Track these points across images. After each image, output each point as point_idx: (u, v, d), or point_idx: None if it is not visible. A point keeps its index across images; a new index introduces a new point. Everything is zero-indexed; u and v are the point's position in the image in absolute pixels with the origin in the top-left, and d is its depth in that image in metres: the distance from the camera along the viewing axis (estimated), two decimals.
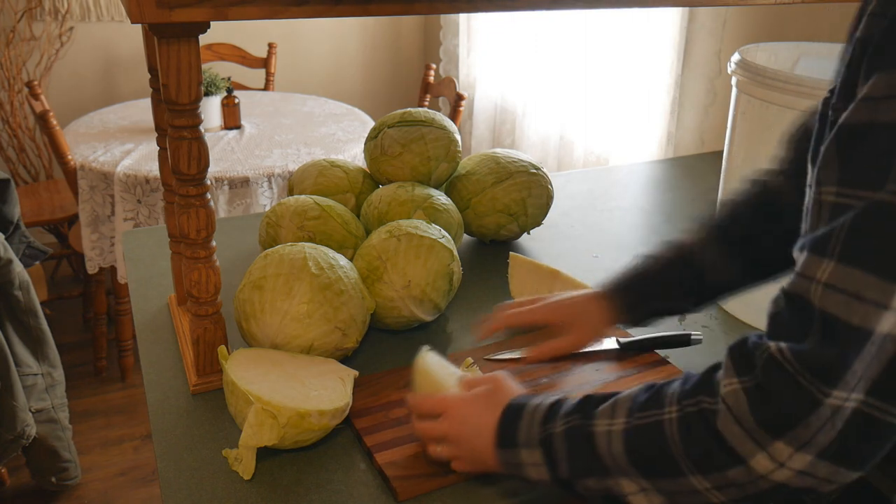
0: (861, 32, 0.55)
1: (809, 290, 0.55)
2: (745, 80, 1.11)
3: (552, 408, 0.72)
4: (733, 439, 0.58)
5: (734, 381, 0.59)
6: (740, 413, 0.57)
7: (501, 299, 1.23)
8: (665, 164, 1.95)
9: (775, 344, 0.57)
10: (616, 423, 0.66)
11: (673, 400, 0.63)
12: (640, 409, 0.65)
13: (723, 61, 2.18)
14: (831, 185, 0.55)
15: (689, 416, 0.61)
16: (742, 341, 0.61)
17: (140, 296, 1.23)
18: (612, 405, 0.68)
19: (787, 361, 0.55)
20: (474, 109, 3.25)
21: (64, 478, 2.11)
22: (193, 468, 0.86)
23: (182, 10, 0.73)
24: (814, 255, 0.55)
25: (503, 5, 0.87)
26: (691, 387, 0.63)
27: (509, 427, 0.74)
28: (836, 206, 0.54)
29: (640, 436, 0.64)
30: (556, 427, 0.70)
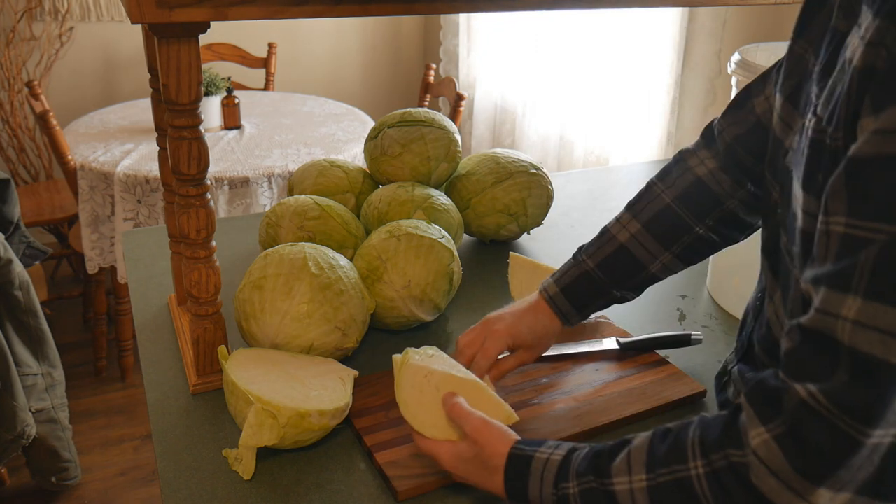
0: (859, 62, 0.55)
1: (836, 328, 0.54)
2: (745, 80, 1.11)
3: (562, 465, 0.70)
4: (771, 493, 0.57)
5: (762, 431, 0.57)
6: (776, 465, 0.56)
7: (501, 299, 1.23)
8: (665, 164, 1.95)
9: (803, 387, 0.55)
10: (637, 479, 0.64)
11: (696, 453, 0.61)
12: (662, 463, 0.63)
13: (723, 61, 2.18)
14: (840, 215, 0.54)
15: (720, 472, 0.60)
16: (759, 385, 0.59)
17: (140, 296, 1.23)
18: (626, 459, 0.66)
19: (820, 405, 0.54)
20: (474, 109, 3.25)
21: (64, 478, 2.11)
22: (193, 468, 0.86)
23: (182, 10, 0.73)
24: (836, 291, 0.54)
25: (503, 5, 0.87)
26: (715, 438, 0.61)
27: (517, 483, 0.73)
28: (849, 238, 0.54)
29: (667, 494, 0.62)
30: (571, 488, 0.68)
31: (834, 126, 0.57)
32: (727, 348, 1.12)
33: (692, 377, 1.02)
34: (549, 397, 0.97)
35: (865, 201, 0.53)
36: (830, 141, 0.57)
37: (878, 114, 0.52)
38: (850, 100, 0.55)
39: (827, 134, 0.58)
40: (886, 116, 0.51)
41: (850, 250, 0.53)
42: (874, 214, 0.52)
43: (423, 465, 0.85)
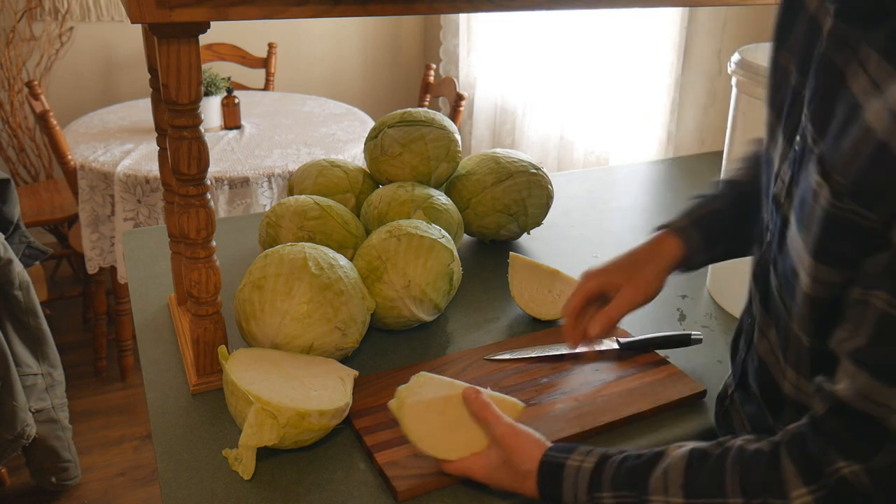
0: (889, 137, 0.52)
1: (888, 419, 0.55)
2: (745, 80, 1.11)
3: (595, 473, 0.71)
4: None
5: (804, 493, 0.59)
6: None
7: (501, 299, 1.23)
8: (665, 164, 1.95)
9: (847, 465, 0.57)
10: (674, 501, 0.65)
11: (737, 490, 0.62)
12: (699, 492, 0.64)
13: (723, 61, 2.18)
14: (882, 291, 0.54)
15: None
16: (801, 443, 0.61)
17: (140, 296, 1.23)
18: (663, 478, 0.67)
19: (863, 486, 0.56)
20: (474, 109, 3.25)
21: (64, 478, 2.11)
22: (193, 468, 0.86)
23: (182, 10, 0.73)
24: (879, 381, 0.55)
25: (503, 5, 0.87)
26: (757, 482, 0.62)
27: (551, 485, 0.74)
28: (888, 317, 0.54)
29: None
30: (606, 498, 0.70)
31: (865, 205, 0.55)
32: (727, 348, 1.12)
33: (692, 377, 1.02)
34: (549, 397, 0.97)
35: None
36: (866, 222, 0.55)
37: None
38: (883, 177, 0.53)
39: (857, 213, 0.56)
40: None
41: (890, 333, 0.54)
42: None
43: (423, 465, 0.85)
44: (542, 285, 1.17)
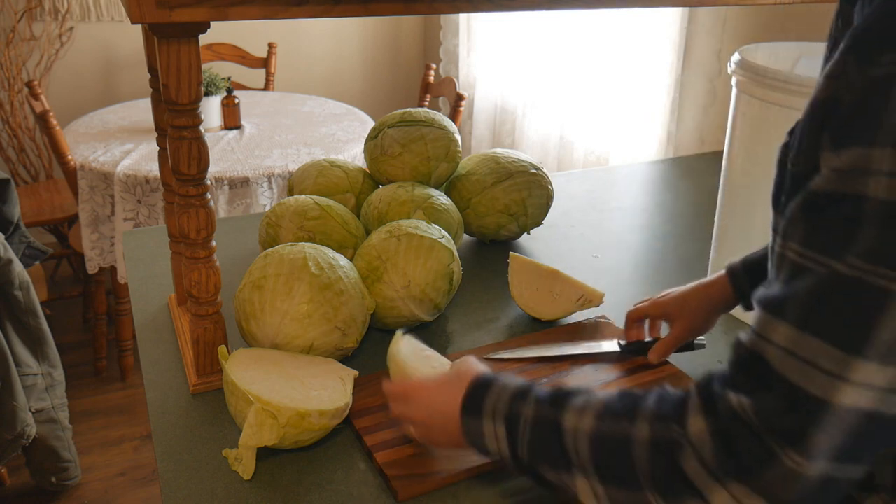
0: (818, 94, 0.56)
1: (767, 352, 0.57)
2: (745, 80, 1.11)
3: (523, 389, 0.73)
4: (695, 477, 0.60)
5: (700, 421, 0.60)
6: (704, 453, 0.59)
7: (501, 299, 1.23)
8: (665, 164, 1.95)
9: (737, 398, 0.58)
10: (585, 422, 0.67)
11: (645, 417, 0.64)
12: (613, 415, 0.66)
13: (723, 61, 2.18)
14: (796, 243, 0.57)
15: (658, 442, 0.62)
16: (708, 381, 0.62)
17: (140, 296, 1.23)
18: (584, 402, 0.68)
19: (748, 418, 0.57)
20: (474, 109, 3.25)
21: (64, 478, 2.11)
22: (193, 468, 0.86)
23: (182, 10, 0.73)
24: (770, 315, 0.57)
25: (503, 5, 0.87)
26: (666, 411, 0.63)
27: (476, 397, 0.75)
28: (796, 266, 0.56)
29: (606, 444, 0.65)
30: (525, 409, 0.70)
31: (795, 151, 0.59)
32: (727, 349, 1.12)
33: (692, 377, 1.02)
34: None
35: (816, 233, 0.55)
36: (791, 166, 0.60)
37: (837, 151, 0.54)
38: (811, 131, 0.57)
39: (788, 158, 0.61)
40: (846, 156, 0.53)
41: (793, 278, 0.56)
42: (820, 247, 0.54)
43: (423, 465, 0.85)
44: (542, 285, 1.17)
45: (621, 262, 1.38)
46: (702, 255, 1.38)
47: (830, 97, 0.55)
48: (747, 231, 1.16)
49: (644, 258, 1.41)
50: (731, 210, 1.20)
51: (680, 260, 1.40)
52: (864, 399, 0.53)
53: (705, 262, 1.33)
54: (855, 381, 0.53)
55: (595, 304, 1.14)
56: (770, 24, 2.01)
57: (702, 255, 1.38)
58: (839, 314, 0.53)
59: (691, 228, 1.54)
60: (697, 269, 1.34)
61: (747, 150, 1.15)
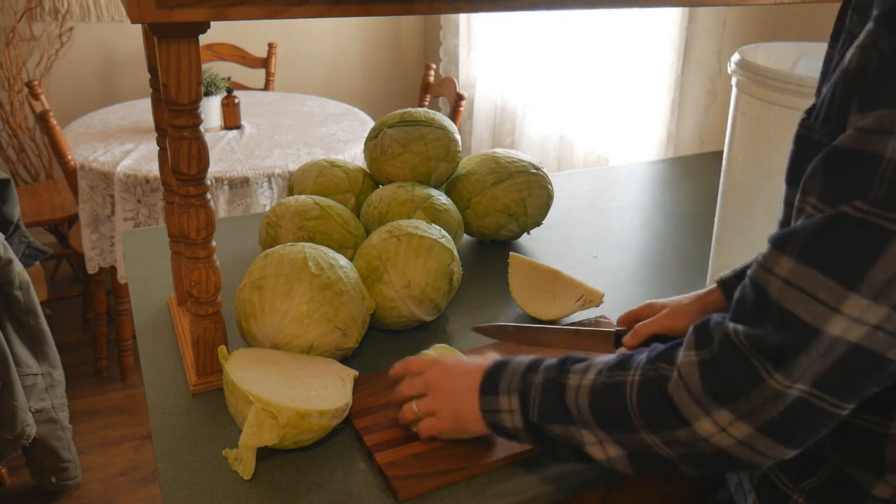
0: (849, 63, 0.59)
1: (768, 282, 0.60)
2: (745, 80, 1.11)
3: (534, 361, 0.78)
4: (681, 403, 0.63)
5: (691, 354, 0.64)
6: (690, 381, 0.63)
7: (501, 299, 1.23)
8: (665, 164, 1.95)
9: (733, 325, 0.61)
10: (586, 378, 0.72)
11: (638, 365, 0.69)
12: (610, 369, 0.71)
13: (723, 61, 2.18)
14: (813, 196, 0.59)
15: (647, 380, 0.67)
16: (706, 320, 0.65)
17: (140, 296, 1.23)
18: (588, 364, 0.74)
19: (740, 342, 0.60)
20: (474, 109, 3.25)
21: (64, 478, 2.11)
22: (193, 468, 0.86)
23: (182, 10, 0.73)
24: (775, 249, 0.60)
25: (503, 5, 0.87)
26: (655, 355, 0.68)
27: (494, 376, 0.79)
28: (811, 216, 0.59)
29: (603, 393, 0.70)
30: (536, 378, 0.76)
31: (822, 121, 0.62)
32: None
33: None
34: None
35: (832, 186, 0.57)
36: (819, 137, 0.62)
37: (863, 113, 0.56)
38: (841, 99, 0.59)
39: (815, 130, 0.63)
40: (872, 118, 0.55)
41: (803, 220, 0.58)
42: (830, 197, 0.57)
43: (423, 466, 0.85)
44: (542, 285, 1.17)
45: (621, 262, 1.38)
46: (702, 255, 1.38)
47: (862, 65, 0.57)
48: (747, 231, 1.16)
49: (644, 258, 1.41)
50: (731, 210, 1.20)
51: (680, 260, 1.40)
52: (853, 332, 0.56)
53: (705, 262, 1.33)
54: (846, 314, 0.56)
55: (595, 304, 1.14)
56: (770, 24, 2.01)
57: (702, 255, 1.38)
58: (839, 250, 0.56)
59: (691, 228, 1.54)
60: (697, 269, 1.34)
61: (747, 150, 1.15)
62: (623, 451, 0.69)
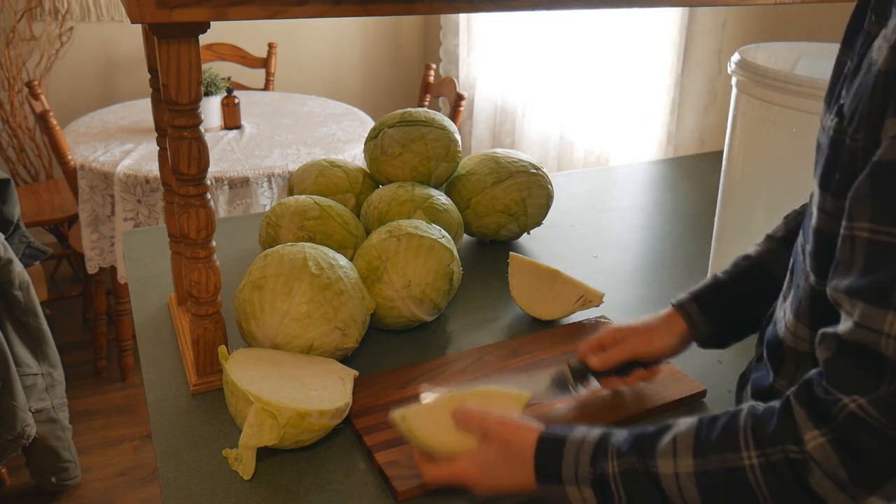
0: (884, 64, 0.56)
1: (879, 343, 0.55)
2: (745, 80, 1.11)
3: (600, 444, 0.69)
4: (827, 495, 0.58)
5: (817, 435, 0.58)
6: (832, 469, 0.58)
7: (501, 299, 1.23)
8: (665, 164, 1.95)
9: (852, 400, 0.57)
10: (684, 464, 0.64)
11: (750, 444, 0.62)
12: (712, 450, 0.63)
13: (723, 61, 2.18)
14: (865, 220, 0.55)
15: (777, 466, 0.60)
16: (807, 389, 0.61)
17: (140, 296, 1.23)
18: (672, 443, 0.65)
19: (871, 417, 0.56)
20: (474, 109, 3.25)
21: (64, 478, 2.11)
22: (193, 468, 0.86)
23: (182, 10, 0.73)
24: (875, 306, 0.55)
25: (503, 5, 0.87)
26: (771, 431, 0.62)
27: (550, 463, 0.70)
28: (874, 245, 0.55)
29: (717, 481, 0.63)
30: (610, 467, 0.67)
31: (855, 126, 0.58)
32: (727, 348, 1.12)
33: (692, 377, 1.02)
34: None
35: (885, 206, 0.54)
36: (850, 141, 0.59)
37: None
38: (874, 101, 0.56)
39: (847, 134, 0.59)
40: None
41: (879, 259, 0.54)
42: (892, 220, 0.54)
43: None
44: (542, 285, 1.17)
45: (621, 262, 1.38)
46: (702, 255, 1.38)
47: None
48: (747, 231, 1.16)
49: (644, 258, 1.41)
50: (731, 210, 1.20)
51: (680, 260, 1.40)
52: None
53: (705, 262, 1.33)
54: None
55: (595, 304, 1.14)
56: (770, 24, 2.01)
57: (702, 255, 1.38)
58: None
59: (691, 228, 1.54)
60: (697, 269, 1.34)
61: (747, 150, 1.16)
62: None
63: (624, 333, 0.94)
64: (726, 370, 1.06)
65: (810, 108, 1.01)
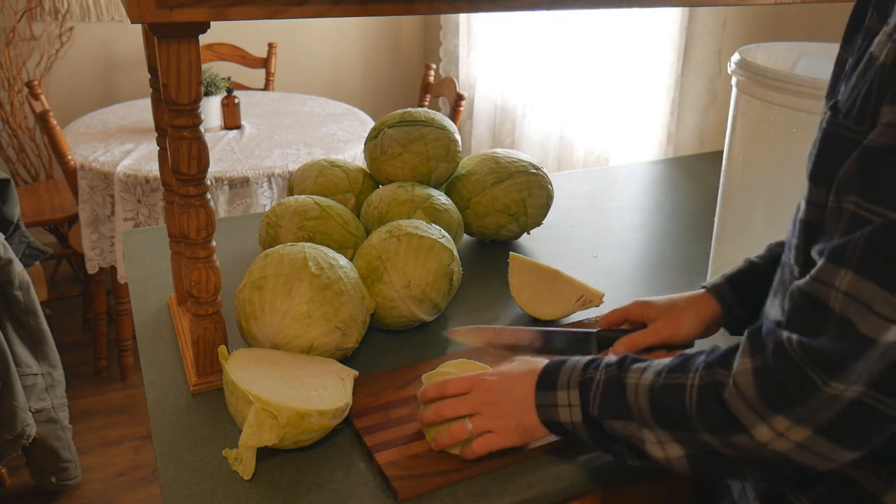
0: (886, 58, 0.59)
1: (829, 296, 0.60)
2: (745, 80, 1.11)
3: (593, 360, 0.80)
4: (737, 411, 0.65)
5: (747, 361, 0.65)
6: (745, 388, 0.65)
7: (501, 299, 1.23)
8: (665, 164, 1.95)
9: (787, 334, 0.63)
10: (644, 378, 0.74)
11: (697, 369, 0.71)
12: (669, 371, 0.73)
13: (723, 61, 2.18)
14: (852, 194, 0.60)
15: (706, 386, 0.69)
16: (759, 326, 0.67)
17: (140, 296, 1.23)
18: (646, 364, 0.76)
19: (793, 350, 0.62)
20: (474, 109, 3.25)
21: (64, 478, 2.11)
22: (193, 468, 0.86)
23: (182, 10, 0.73)
24: (832, 263, 0.61)
25: (503, 5, 0.87)
26: (713, 359, 0.70)
27: (552, 374, 0.81)
28: (855, 217, 0.59)
29: (662, 394, 0.72)
30: (597, 374, 0.78)
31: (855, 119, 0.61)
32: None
33: None
34: None
35: (873, 186, 0.58)
36: (852, 134, 0.61)
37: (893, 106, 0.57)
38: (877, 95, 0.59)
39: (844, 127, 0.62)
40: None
41: (852, 229, 0.59)
42: (877, 198, 0.58)
43: (423, 466, 0.85)
44: (542, 285, 1.17)
45: (621, 262, 1.38)
46: (702, 255, 1.38)
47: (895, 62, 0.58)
48: (747, 231, 1.16)
49: (644, 258, 1.41)
50: (731, 210, 1.20)
51: (680, 260, 1.40)
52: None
53: (705, 262, 1.33)
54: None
55: (595, 304, 1.14)
56: (770, 24, 2.01)
57: (702, 255, 1.38)
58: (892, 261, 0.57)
59: (691, 228, 1.54)
60: (697, 269, 1.34)
61: (747, 150, 1.16)
62: (683, 451, 0.71)
63: (652, 313, 0.97)
64: None
65: (810, 108, 1.01)
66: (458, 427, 0.84)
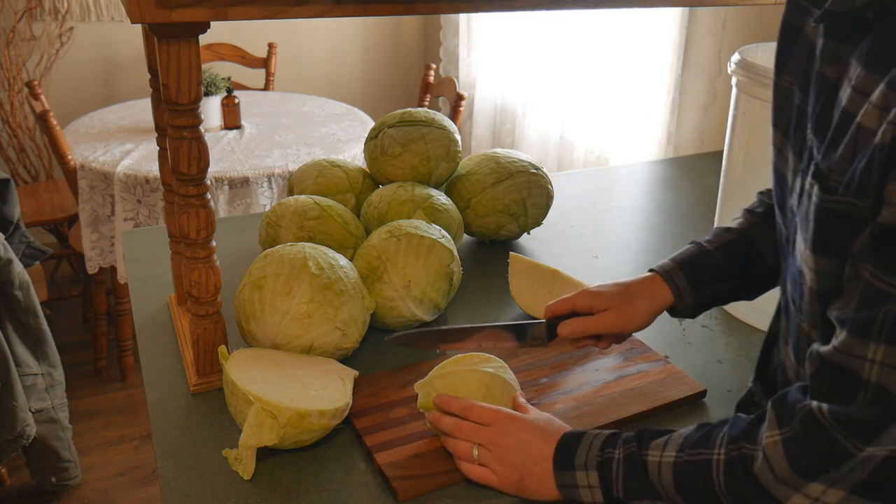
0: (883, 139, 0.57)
1: (863, 368, 0.61)
2: (745, 80, 1.11)
3: (611, 437, 0.78)
4: (769, 485, 0.65)
5: (775, 433, 0.65)
6: (775, 461, 0.64)
7: (501, 299, 1.23)
8: (665, 164, 1.95)
9: (816, 403, 0.63)
10: (667, 455, 0.73)
11: (721, 443, 0.70)
12: (691, 446, 0.72)
13: (723, 61, 2.18)
14: (868, 267, 0.60)
15: (734, 460, 0.68)
16: (784, 395, 0.67)
17: (140, 296, 1.23)
18: (666, 439, 0.75)
19: (825, 419, 0.62)
20: (474, 109, 3.25)
21: (64, 478, 2.11)
22: (193, 468, 0.86)
23: (182, 10, 0.73)
24: (858, 337, 0.61)
25: (503, 5, 0.87)
26: (738, 433, 0.69)
27: (568, 450, 0.79)
28: (872, 288, 0.60)
29: (688, 472, 0.71)
30: (617, 453, 0.76)
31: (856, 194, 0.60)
32: (727, 348, 1.12)
33: (692, 377, 1.02)
34: (549, 398, 0.97)
35: (889, 262, 0.58)
36: (858, 210, 0.61)
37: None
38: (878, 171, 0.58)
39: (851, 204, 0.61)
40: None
41: (872, 301, 0.60)
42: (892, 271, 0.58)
43: (423, 466, 0.85)
44: (541, 285, 1.17)
45: (621, 262, 1.38)
46: None
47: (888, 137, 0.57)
48: None
49: (644, 258, 1.41)
50: (731, 210, 1.20)
51: None
52: None
53: None
54: None
55: None
56: (770, 24, 2.01)
57: None
58: None
59: (691, 228, 1.54)
60: None
61: (747, 150, 1.16)
62: None
63: (602, 303, 0.94)
64: (726, 370, 1.06)
65: None
66: (466, 448, 0.83)
